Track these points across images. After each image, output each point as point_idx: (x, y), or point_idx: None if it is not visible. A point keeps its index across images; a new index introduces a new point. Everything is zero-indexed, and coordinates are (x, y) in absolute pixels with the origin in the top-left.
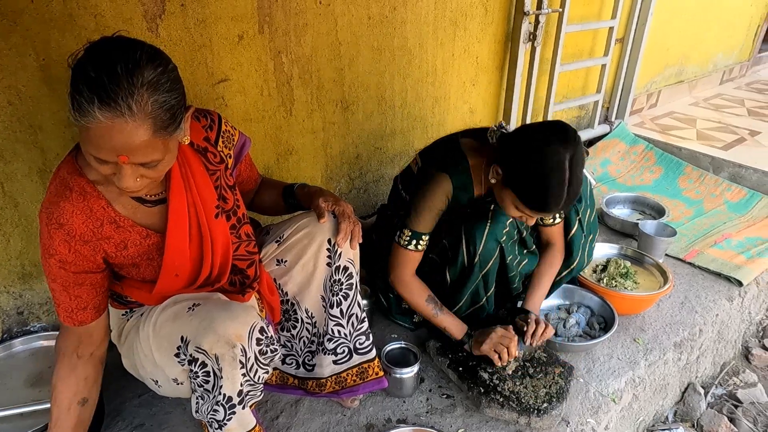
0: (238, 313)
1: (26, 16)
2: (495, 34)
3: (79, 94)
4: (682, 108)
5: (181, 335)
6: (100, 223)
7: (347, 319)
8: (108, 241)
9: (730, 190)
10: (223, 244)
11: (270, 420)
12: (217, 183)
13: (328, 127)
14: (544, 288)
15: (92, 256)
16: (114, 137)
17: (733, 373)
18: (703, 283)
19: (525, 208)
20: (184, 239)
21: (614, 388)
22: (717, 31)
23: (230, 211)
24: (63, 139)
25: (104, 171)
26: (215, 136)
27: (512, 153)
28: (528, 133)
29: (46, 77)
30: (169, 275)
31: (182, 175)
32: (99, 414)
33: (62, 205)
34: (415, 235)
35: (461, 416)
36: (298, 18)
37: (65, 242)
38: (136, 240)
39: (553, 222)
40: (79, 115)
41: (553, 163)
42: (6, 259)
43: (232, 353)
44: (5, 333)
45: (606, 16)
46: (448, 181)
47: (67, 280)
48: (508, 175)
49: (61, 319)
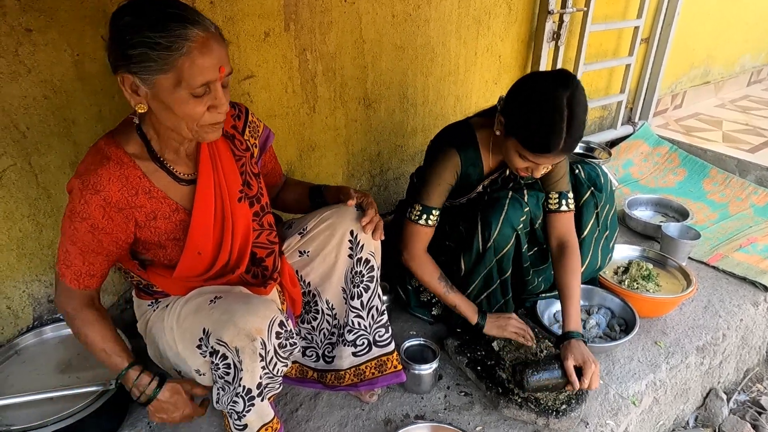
0: (258, 307)
1: (62, 12)
2: (518, 33)
3: (168, 30)
4: (707, 109)
5: (203, 327)
6: (135, 192)
7: (367, 311)
8: (140, 209)
9: (757, 194)
10: (244, 228)
11: (289, 412)
12: (243, 169)
13: (351, 124)
14: (576, 299)
15: (124, 224)
16: (213, 49)
17: (757, 380)
18: (728, 287)
19: (528, 153)
20: (209, 216)
21: (634, 391)
22: (744, 32)
23: (254, 197)
24: (95, 132)
25: (200, 109)
26: (242, 125)
27: (512, 100)
28: (528, 80)
29: (80, 72)
30: (192, 252)
31: (211, 156)
32: (124, 401)
33: (99, 172)
34: (426, 210)
35: (479, 414)
36: (323, 16)
37: (101, 208)
38: (166, 212)
39: (559, 207)
40: (176, 45)
41: (550, 101)
42: (38, 249)
43: (252, 346)
44: (36, 320)
45: (631, 16)
46: (456, 156)
47: (88, 247)
48: (509, 122)
49: (65, 280)
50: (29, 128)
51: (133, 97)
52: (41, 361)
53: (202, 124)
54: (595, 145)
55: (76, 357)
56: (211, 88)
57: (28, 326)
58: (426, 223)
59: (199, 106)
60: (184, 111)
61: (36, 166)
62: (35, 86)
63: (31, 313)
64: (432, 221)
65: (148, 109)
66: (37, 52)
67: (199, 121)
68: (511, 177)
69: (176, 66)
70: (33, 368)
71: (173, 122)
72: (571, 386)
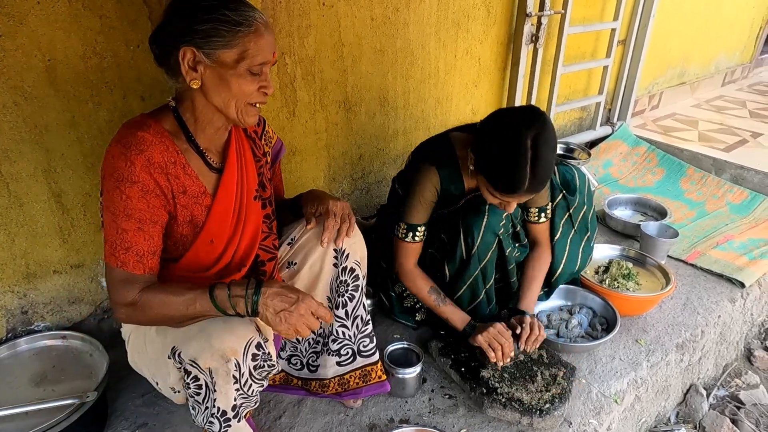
0: (235, 327)
1: (32, 17)
2: (497, 35)
3: (240, 10)
4: (684, 110)
5: (174, 345)
6: (173, 161)
7: (352, 321)
8: (176, 180)
9: (732, 192)
10: (254, 226)
11: (273, 420)
12: (260, 170)
13: (331, 128)
14: (535, 287)
15: (167, 187)
16: (269, 35)
17: (736, 375)
18: (706, 284)
19: (495, 191)
20: (230, 206)
21: (616, 389)
22: (719, 32)
23: (267, 200)
24: (68, 139)
25: (253, 87)
26: (261, 131)
27: (480, 137)
28: (495, 117)
29: (52, 78)
30: (206, 239)
31: (237, 151)
32: (102, 413)
33: (140, 134)
34: (410, 227)
35: (464, 416)
36: (301, 19)
37: (146, 168)
38: (194, 192)
39: (538, 220)
40: (246, 23)
41: (513, 143)
42: (11, 259)
43: (226, 368)
44: (9, 332)
45: (608, 18)
46: (434, 173)
47: (144, 215)
48: (477, 160)
49: (127, 267)
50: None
51: (189, 72)
52: (15, 374)
53: (249, 103)
54: (574, 146)
55: (52, 369)
56: (264, 70)
57: (1, 339)
58: (413, 239)
59: (253, 84)
60: (239, 86)
61: (7, 175)
62: (5, 92)
63: (4, 325)
64: (419, 237)
65: (190, 94)
66: (6, 57)
67: (248, 98)
68: None
69: (241, 43)
70: (7, 382)
71: (224, 99)
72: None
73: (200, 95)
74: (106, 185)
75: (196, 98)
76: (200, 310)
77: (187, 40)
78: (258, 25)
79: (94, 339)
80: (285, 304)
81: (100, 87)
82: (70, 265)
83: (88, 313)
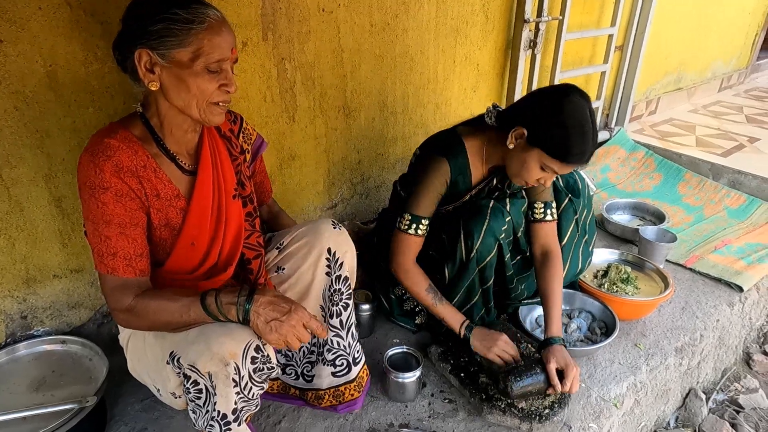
0: (234, 330)
1: (34, 23)
2: (496, 41)
3: (190, 7)
4: (681, 115)
5: (172, 350)
6: (143, 164)
7: (347, 330)
8: (148, 182)
9: (730, 197)
10: (236, 225)
11: (272, 425)
12: (238, 169)
13: (331, 133)
14: (558, 305)
15: (140, 190)
16: (224, 31)
17: (735, 379)
18: (704, 288)
19: (553, 161)
20: (207, 207)
21: (616, 393)
22: (715, 39)
23: (247, 197)
24: (69, 144)
25: (212, 85)
26: (237, 129)
27: (534, 111)
28: (545, 92)
29: (53, 83)
30: (186, 242)
31: (211, 152)
32: (101, 418)
33: (107, 141)
34: (415, 219)
35: (463, 420)
36: (301, 25)
37: (116, 174)
38: (168, 195)
39: (545, 217)
40: (198, 20)
41: (578, 113)
42: (11, 263)
43: (225, 371)
44: (9, 337)
45: (605, 24)
46: (445, 164)
47: (124, 219)
48: (533, 133)
49: (117, 272)
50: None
51: (146, 75)
52: (15, 379)
53: (211, 102)
54: None
55: (51, 374)
56: (223, 67)
57: (0, 343)
58: (416, 232)
59: (212, 82)
60: (198, 85)
61: (7, 179)
62: (6, 97)
63: (3, 330)
64: (422, 231)
65: (154, 98)
66: (8, 63)
67: (209, 98)
68: (498, 186)
69: (195, 41)
70: (5, 387)
71: (184, 100)
72: (554, 390)
73: (162, 98)
74: (82, 195)
75: (159, 101)
76: (194, 317)
77: (142, 42)
78: (211, 21)
79: (94, 344)
80: (276, 314)
81: (101, 92)
82: (70, 270)
83: (88, 318)
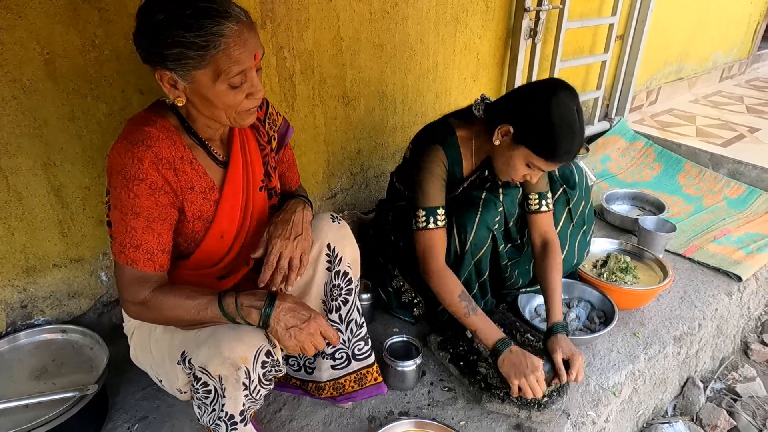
0: (245, 334)
1: (31, 10)
2: (496, 30)
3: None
4: (681, 105)
5: (184, 350)
6: (181, 156)
7: (346, 325)
8: (184, 175)
9: (730, 187)
10: (261, 217)
11: (273, 413)
12: (265, 159)
13: (330, 123)
14: (559, 292)
15: (175, 182)
16: (247, 39)
17: (732, 368)
18: (703, 278)
19: (539, 160)
20: (238, 199)
21: (614, 382)
22: (716, 28)
23: (272, 189)
24: (67, 132)
25: (239, 98)
26: (263, 116)
27: (521, 108)
28: (532, 89)
29: (51, 71)
30: (216, 234)
31: (240, 143)
32: (102, 406)
33: (147, 130)
34: (429, 211)
35: (462, 409)
36: (300, 13)
37: (154, 164)
38: (203, 187)
39: (540, 208)
40: (212, 44)
41: (565, 111)
42: (10, 253)
43: (236, 375)
44: (9, 326)
45: (606, 13)
46: (441, 151)
47: (153, 213)
48: (520, 131)
49: (137, 265)
50: None
51: (171, 91)
52: (15, 368)
53: (240, 111)
54: None
55: (52, 363)
56: (247, 75)
57: (1, 333)
58: (435, 224)
59: (238, 95)
60: (224, 102)
61: (6, 168)
62: (4, 86)
63: (4, 319)
64: (441, 221)
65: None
66: (5, 51)
67: (237, 108)
68: (489, 177)
69: (213, 62)
70: (7, 376)
71: (212, 112)
72: (559, 379)
73: (191, 105)
74: (114, 183)
75: (187, 105)
76: (211, 315)
77: (160, 62)
78: (229, 40)
79: (94, 332)
80: (296, 321)
81: (99, 80)
82: (70, 259)
83: (88, 307)
